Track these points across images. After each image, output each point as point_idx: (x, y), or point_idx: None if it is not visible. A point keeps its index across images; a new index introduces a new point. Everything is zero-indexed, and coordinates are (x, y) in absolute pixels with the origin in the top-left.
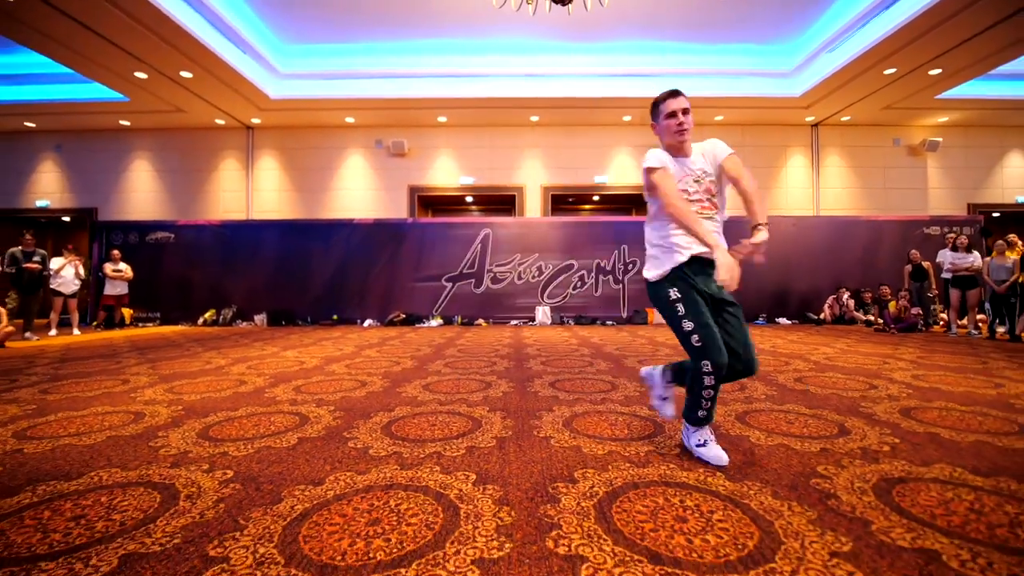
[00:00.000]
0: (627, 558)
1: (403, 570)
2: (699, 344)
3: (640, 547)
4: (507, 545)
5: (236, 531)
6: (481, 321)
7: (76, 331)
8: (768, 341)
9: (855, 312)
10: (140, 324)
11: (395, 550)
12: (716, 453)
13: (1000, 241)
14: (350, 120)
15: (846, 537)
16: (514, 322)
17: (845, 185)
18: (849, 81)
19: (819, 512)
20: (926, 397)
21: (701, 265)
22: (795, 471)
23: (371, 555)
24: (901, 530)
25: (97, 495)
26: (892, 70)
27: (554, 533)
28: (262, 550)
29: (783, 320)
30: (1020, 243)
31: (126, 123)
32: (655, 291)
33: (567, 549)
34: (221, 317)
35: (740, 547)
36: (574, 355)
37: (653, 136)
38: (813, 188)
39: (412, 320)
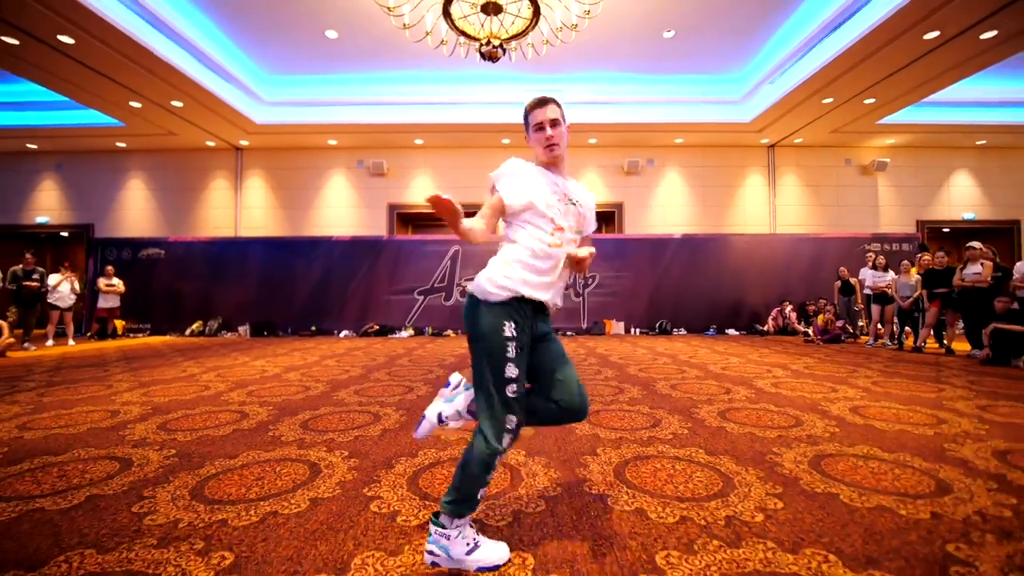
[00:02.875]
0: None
1: (261, 503)
2: (514, 396)
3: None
4: (337, 490)
5: (165, 483)
6: (450, 332)
7: (71, 342)
8: (697, 353)
9: (796, 324)
10: (131, 335)
11: (264, 493)
12: (499, 552)
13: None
14: (333, 142)
15: None
16: None
17: (801, 203)
18: (792, 109)
19: None
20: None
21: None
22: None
23: (247, 495)
24: None
25: (76, 464)
26: (830, 99)
27: (373, 489)
28: (179, 492)
29: (731, 331)
30: (984, 248)
31: (122, 145)
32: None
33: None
34: (207, 328)
35: None
36: None
37: (619, 156)
38: (770, 206)
39: (385, 331)
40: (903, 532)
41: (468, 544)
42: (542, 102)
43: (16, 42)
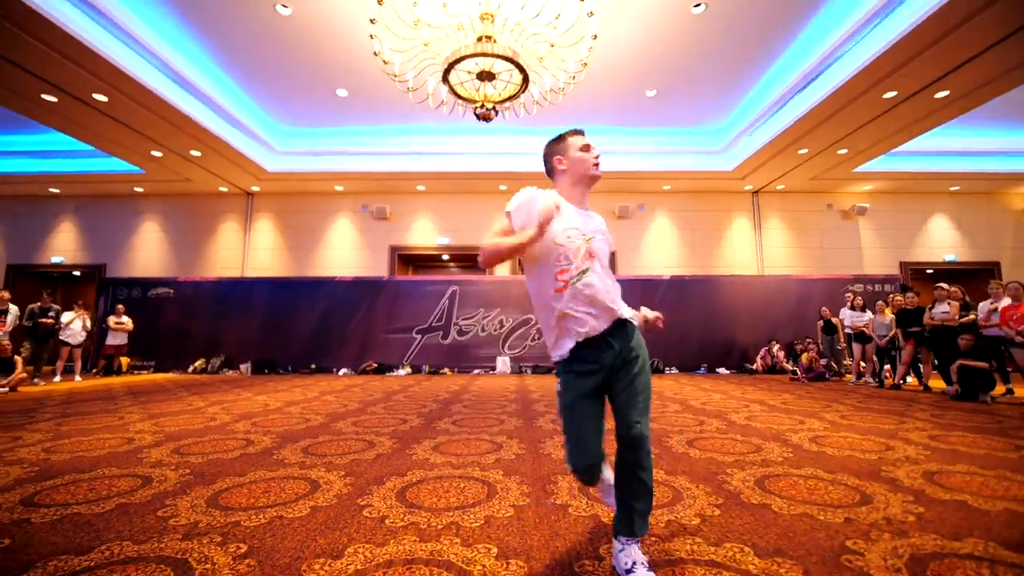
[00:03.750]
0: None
1: (269, 508)
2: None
3: None
4: (334, 500)
5: (184, 495)
6: (447, 370)
7: (78, 377)
8: (699, 393)
9: (784, 363)
10: (136, 372)
11: (271, 502)
12: None
13: (899, 296)
14: (339, 188)
15: None
16: (477, 371)
17: (786, 245)
18: (770, 159)
19: None
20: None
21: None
22: None
23: (256, 503)
24: None
25: (102, 480)
26: (805, 150)
27: (366, 499)
28: (196, 502)
29: (722, 370)
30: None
31: (139, 189)
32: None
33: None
34: (210, 365)
35: None
36: (499, 400)
37: (611, 201)
38: (757, 248)
39: (383, 369)
40: (813, 531)
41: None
42: (578, 131)
43: (55, 99)
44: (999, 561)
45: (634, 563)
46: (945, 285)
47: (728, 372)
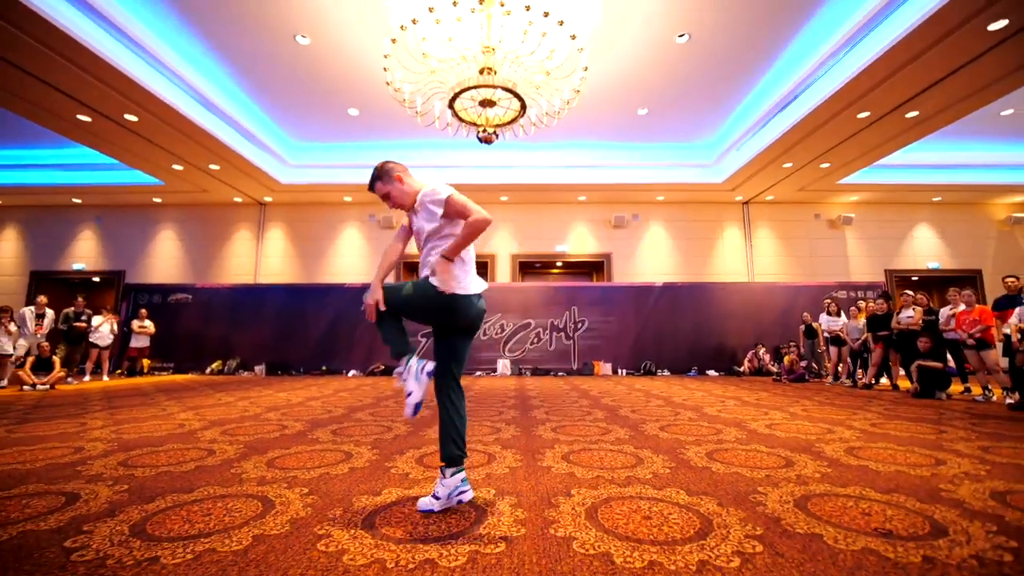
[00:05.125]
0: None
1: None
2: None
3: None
4: (375, 455)
5: (244, 460)
6: None
7: (106, 377)
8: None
9: (770, 366)
10: (156, 373)
11: (315, 464)
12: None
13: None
14: (347, 199)
15: None
16: (478, 373)
17: (776, 253)
18: (758, 172)
19: None
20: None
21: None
22: None
23: (304, 465)
24: None
25: (174, 451)
26: (789, 164)
27: (394, 460)
28: (259, 464)
29: (712, 372)
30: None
31: (158, 200)
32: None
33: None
34: (226, 367)
35: None
36: (500, 396)
37: (606, 212)
38: (747, 257)
39: (390, 371)
40: (735, 483)
41: None
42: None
43: (89, 119)
44: (864, 498)
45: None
46: (910, 292)
47: (717, 374)
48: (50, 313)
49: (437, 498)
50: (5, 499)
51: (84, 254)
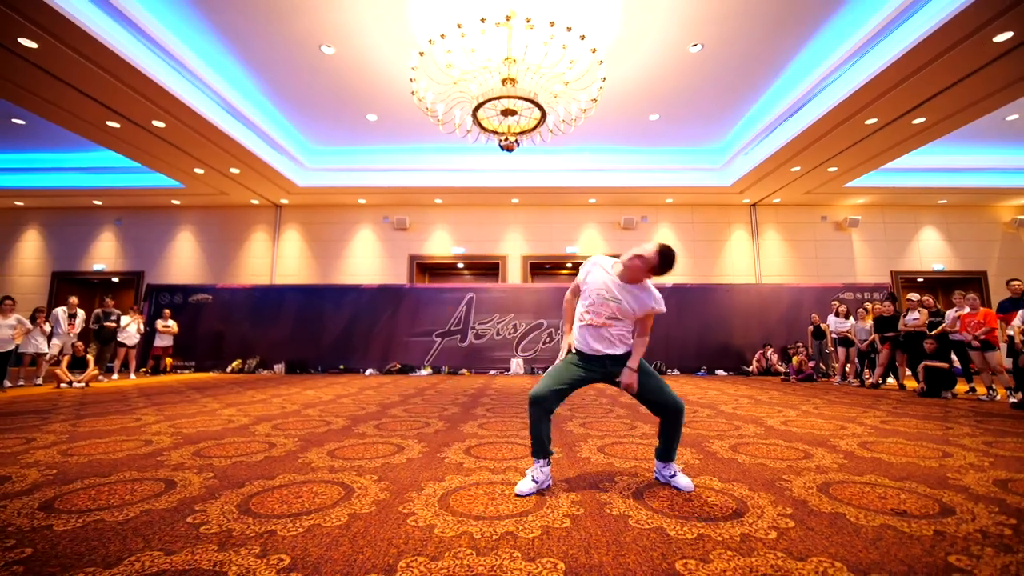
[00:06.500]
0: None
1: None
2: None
3: None
4: (425, 449)
5: (305, 453)
6: (465, 371)
7: (133, 375)
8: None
9: (777, 365)
10: (178, 371)
11: (373, 455)
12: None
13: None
14: (362, 201)
15: None
16: (492, 371)
17: (782, 255)
18: (766, 176)
19: None
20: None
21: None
22: None
23: (362, 456)
24: None
25: (239, 444)
26: (797, 168)
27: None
28: (321, 455)
29: (721, 372)
30: (925, 297)
31: (177, 202)
32: None
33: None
34: (246, 366)
35: None
36: (519, 395)
37: (616, 214)
38: (754, 258)
39: (406, 369)
40: (762, 471)
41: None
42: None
43: (118, 126)
44: (880, 484)
45: (674, 473)
46: (916, 295)
47: (726, 374)
48: (81, 313)
49: (536, 481)
50: (112, 484)
51: (104, 255)
